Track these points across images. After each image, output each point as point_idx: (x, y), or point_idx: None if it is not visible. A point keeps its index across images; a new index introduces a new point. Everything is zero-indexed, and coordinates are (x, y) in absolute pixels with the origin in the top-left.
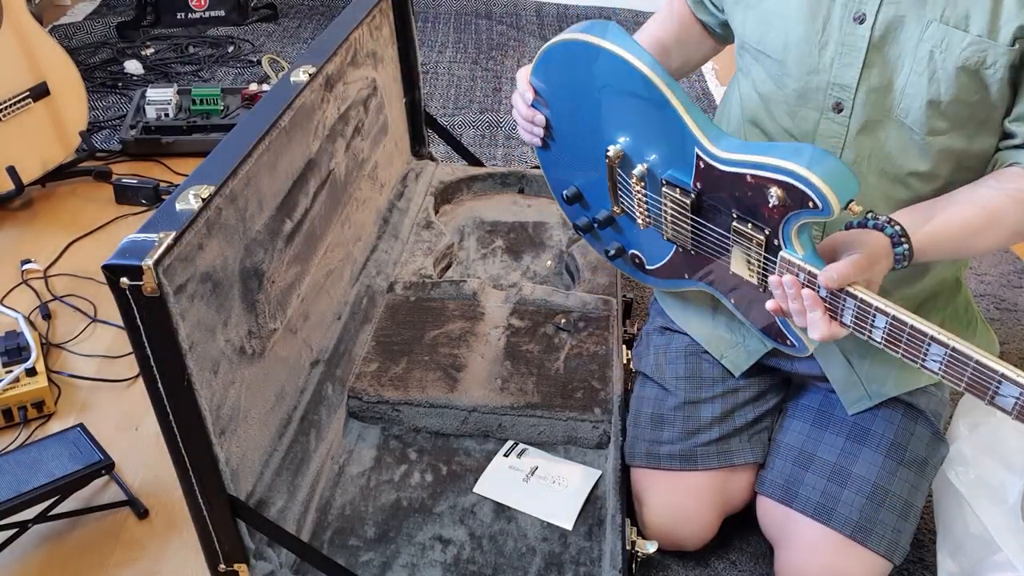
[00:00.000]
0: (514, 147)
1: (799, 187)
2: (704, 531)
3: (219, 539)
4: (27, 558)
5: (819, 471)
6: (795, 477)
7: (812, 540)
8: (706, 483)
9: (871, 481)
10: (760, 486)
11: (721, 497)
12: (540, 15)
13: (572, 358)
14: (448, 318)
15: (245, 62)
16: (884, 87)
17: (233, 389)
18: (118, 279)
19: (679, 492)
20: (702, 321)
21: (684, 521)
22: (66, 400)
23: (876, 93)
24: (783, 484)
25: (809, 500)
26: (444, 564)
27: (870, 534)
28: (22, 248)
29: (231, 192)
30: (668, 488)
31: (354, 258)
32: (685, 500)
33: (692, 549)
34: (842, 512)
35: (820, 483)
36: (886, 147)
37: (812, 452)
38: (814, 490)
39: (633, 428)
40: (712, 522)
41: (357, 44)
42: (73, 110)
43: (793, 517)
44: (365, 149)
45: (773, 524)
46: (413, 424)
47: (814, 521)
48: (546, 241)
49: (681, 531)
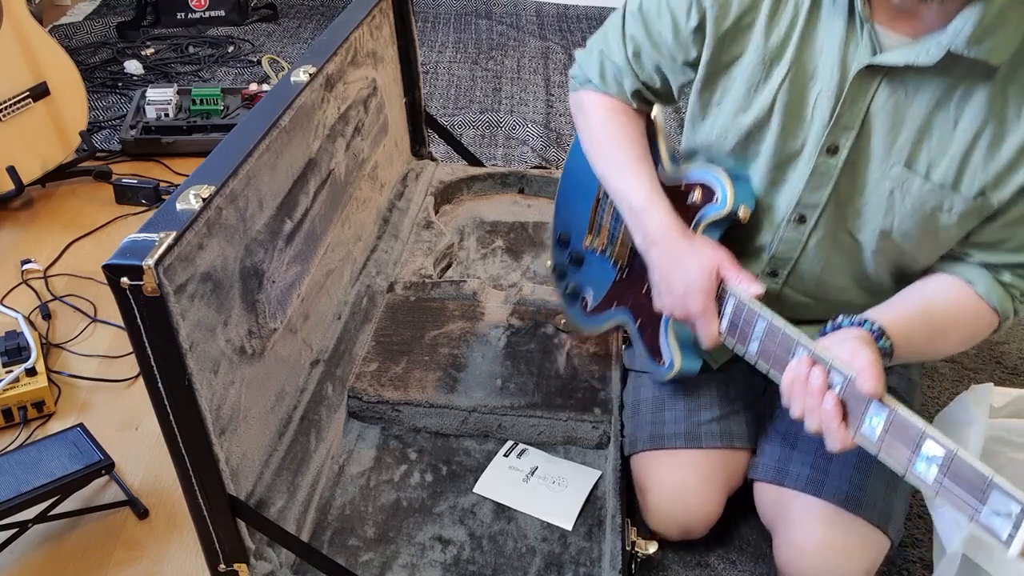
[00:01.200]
0: (514, 147)
1: (710, 185)
2: (709, 510)
3: (219, 539)
4: (27, 558)
5: (806, 449)
6: (784, 457)
7: (806, 515)
8: (710, 461)
9: (855, 452)
10: (753, 472)
11: (724, 475)
12: (540, 15)
13: (572, 358)
14: (448, 318)
15: (245, 62)
16: (845, 207)
17: (233, 389)
18: (118, 279)
19: (684, 469)
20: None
21: (689, 500)
22: (66, 400)
23: (839, 210)
24: (774, 466)
25: (799, 476)
26: (444, 564)
27: (861, 503)
28: (22, 248)
29: (231, 192)
30: (673, 466)
31: (354, 258)
32: (690, 477)
33: (697, 534)
34: (832, 483)
35: (808, 459)
36: (836, 256)
37: (797, 433)
38: (803, 466)
39: (633, 419)
40: (717, 500)
41: (357, 44)
42: (73, 110)
43: (786, 495)
44: (365, 149)
45: (769, 508)
46: (413, 424)
47: (806, 495)
48: (546, 241)
49: (687, 512)
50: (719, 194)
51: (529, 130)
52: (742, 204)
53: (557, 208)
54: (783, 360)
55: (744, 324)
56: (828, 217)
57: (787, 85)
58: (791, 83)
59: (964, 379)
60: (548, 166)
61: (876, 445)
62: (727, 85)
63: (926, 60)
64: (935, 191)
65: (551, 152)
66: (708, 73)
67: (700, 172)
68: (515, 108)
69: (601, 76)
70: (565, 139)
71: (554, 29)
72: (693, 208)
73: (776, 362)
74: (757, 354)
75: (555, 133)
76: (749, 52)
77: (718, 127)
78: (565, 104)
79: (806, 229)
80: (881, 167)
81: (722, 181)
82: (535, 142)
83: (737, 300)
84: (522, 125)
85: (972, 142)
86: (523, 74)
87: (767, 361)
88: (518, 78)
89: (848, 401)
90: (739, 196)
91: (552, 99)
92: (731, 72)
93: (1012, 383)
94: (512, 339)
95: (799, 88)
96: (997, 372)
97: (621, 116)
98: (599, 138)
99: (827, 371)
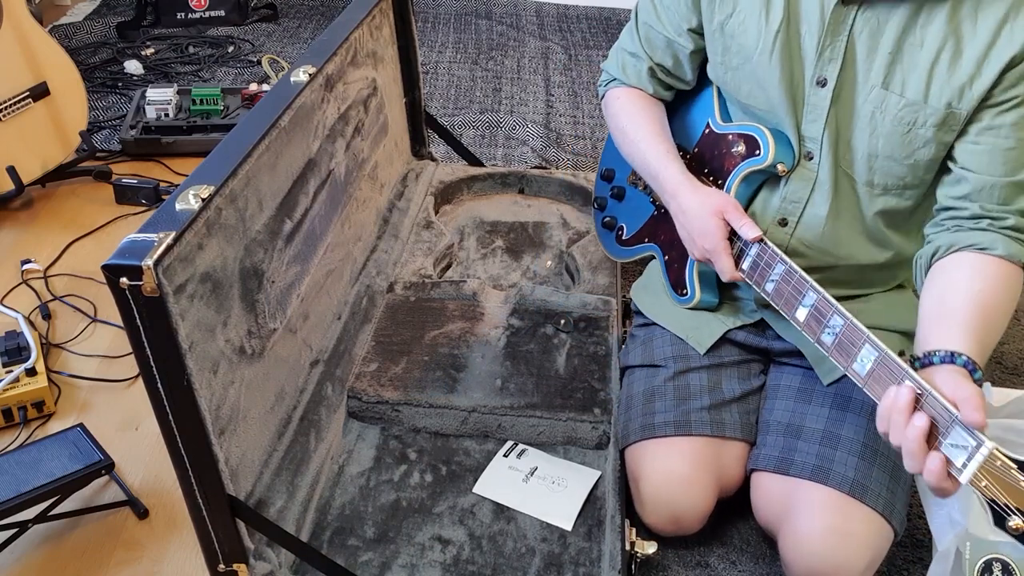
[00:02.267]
0: (514, 147)
1: (756, 138)
2: (699, 501)
3: (218, 539)
4: (27, 558)
5: (810, 438)
6: (788, 446)
7: (812, 503)
8: (701, 449)
9: (860, 441)
10: (755, 463)
11: (716, 464)
12: (540, 15)
13: (572, 358)
14: (448, 318)
15: (245, 62)
16: (838, 140)
17: (233, 389)
18: (118, 279)
19: (675, 457)
20: (668, 311)
21: (682, 488)
22: (66, 400)
23: (835, 146)
24: (778, 456)
25: (805, 465)
26: (444, 564)
27: (867, 491)
28: (22, 248)
29: (231, 192)
30: (664, 454)
31: (354, 258)
32: (681, 465)
33: (689, 527)
34: (838, 471)
35: (813, 448)
36: (837, 201)
37: (800, 424)
38: (809, 455)
39: (626, 413)
40: (708, 491)
41: (357, 44)
42: (73, 110)
43: (792, 484)
44: (365, 149)
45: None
46: (413, 424)
47: (813, 483)
48: (546, 241)
49: (679, 502)
50: (762, 148)
51: (529, 130)
52: (780, 161)
53: (607, 146)
54: (793, 302)
55: (765, 266)
56: (827, 153)
57: (783, 30)
58: (785, 28)
59: None
60: (548, 166)
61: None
62: (727, 43)
63: None
64: (909, 107)
65: (551, 152)
66: (711, 32)
67: (747, 127)
68: (515, 108)
69: (622, 69)
70: (565, 139)
71: (554, 29)
72: (737, 157)
73: (787, 303)
74: (773, 292)
75: (555, 133)
76: (742, 4)
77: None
78: (565, 104)
79: (814, 167)
80: (863, 92)
81: (766, 137)
82: (535, 142)
83: (758, 248)
84: (522, 125)
85: (936, 58)
86: (523, 74)
87: (780, 299)
88: (518, 78)
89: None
90: (779, 153)
91: (552, 99)
92: (730, 27)
93: (1012, 383)
94: (512, 339)
95: (793, 31)
96: (997, 372)
97: (639, 99)
98: (623, 124)
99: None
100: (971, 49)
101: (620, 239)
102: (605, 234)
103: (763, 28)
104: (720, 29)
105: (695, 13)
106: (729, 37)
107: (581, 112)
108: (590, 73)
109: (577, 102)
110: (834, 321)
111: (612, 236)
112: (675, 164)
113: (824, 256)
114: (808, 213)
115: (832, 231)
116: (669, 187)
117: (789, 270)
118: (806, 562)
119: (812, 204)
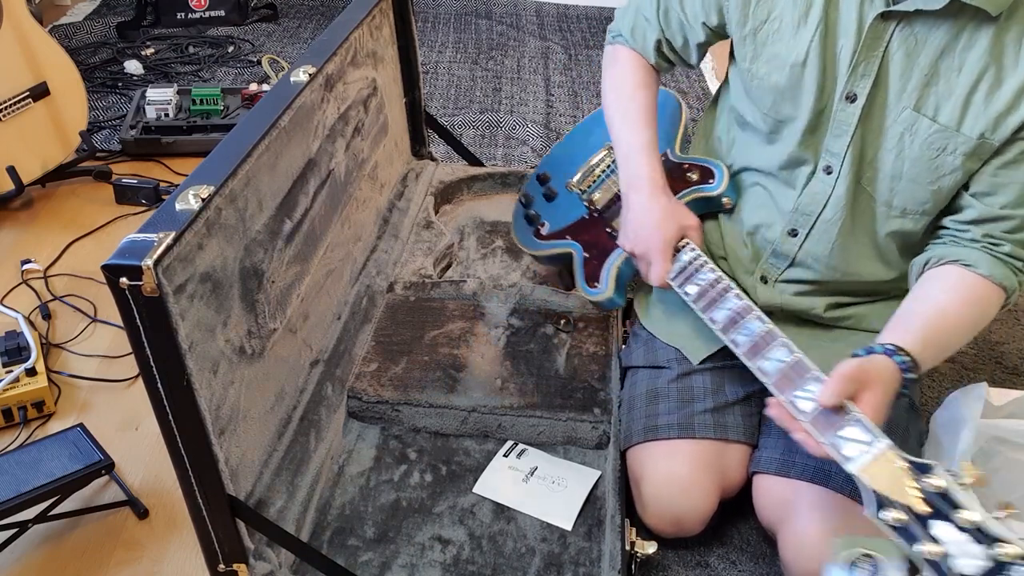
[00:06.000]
0: (514, 147)
1: (711, 168)
2: (702, 503)
3: (218, 539)
4: (27, 558)
5: None
6: (789, 448)
7: (813, 505)
8: (703, 451)
9: None
10: (756, 465)
11: (718, 467)
12: (540, 15)
13: (572, 358)
14: (448, 318)
15: (245, 62)
16: (862, 158)
17: (233, 389)
18: (118, 279)
19: (677, 459)
20: (663, 321)
21: (683, 490)
22: (66, 400)
23: (857, 163)
24: (779, 458)
25: (806, 467)
26: (443, 564)
27: None
28: (22, 248)
29: (231, 192)
30: (667, 456)
31: (354, 258)
32: (684, 468)
33: (691, 529)
34: (839, 473)
35: None
36: (852, 215)
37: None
38: (809, 458)
39: (628, 414)
40: (710, 493)
41: (357, 44)
42: (73, 110)
43: (792, 487)
44: (365, 149)
45: (772, 502)
46: (413, 424)
47: (813, 485)
48: None
49: (681, 504)
50: (717, 177)
51: (529, 130)
52: (728, 196)
53: (551, 154)
54: (716, 302)
55: (692, 272)
56: (848, 169)
57: (817, 39)
58: (821, 38)
59: (964, 379)
60: None
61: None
62: (758, 50)
63: (934, 4)
64: (941, 133)
65: None
66: (740, 37)
67: (704, 159)
68: (515, 108)
69: (632, 31)
70: None
71: (554, 29)
72: (689, 182)
73: (709, 304)
74: (696, 295)
75: (555, 133)
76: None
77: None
78: (565, 104)
79: (831, 181)
80: (893, 112)
81: (722, 169)
82: (535, 142)
83: (693, 255)
84: (522, 125)
85: (974, 86)
86: (523, 74)
87: (704, 300)
88: (518, 78)
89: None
90: (731, 187)
91: (552, 99)
92: (764, 33)
93: (1012, 383)
94: (512, 339)
95: (830, 42)
96: (997, 372)
97: (642, 73)
98: (620, 87)
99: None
100: (1013, 79)
101: (538, 233)
102: (523, 226)
103: (798, 37)
104: (752, 35)
105: (717, 15)
106: (761, 44)
107: (581, 112)
108: (590, 73)
109: (577, 102)
110: (752, 326)
111: (531, 230)
112: (653, 161)
113: (831, 272)
114: (819, 226)
115: (843, 246)
116: (638, 181)
117: (719, 278)
118: (806, 563)
119: (824, 218)
